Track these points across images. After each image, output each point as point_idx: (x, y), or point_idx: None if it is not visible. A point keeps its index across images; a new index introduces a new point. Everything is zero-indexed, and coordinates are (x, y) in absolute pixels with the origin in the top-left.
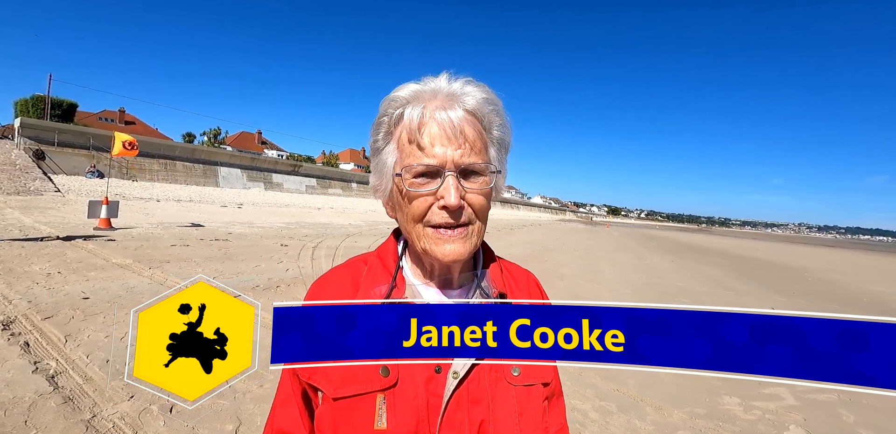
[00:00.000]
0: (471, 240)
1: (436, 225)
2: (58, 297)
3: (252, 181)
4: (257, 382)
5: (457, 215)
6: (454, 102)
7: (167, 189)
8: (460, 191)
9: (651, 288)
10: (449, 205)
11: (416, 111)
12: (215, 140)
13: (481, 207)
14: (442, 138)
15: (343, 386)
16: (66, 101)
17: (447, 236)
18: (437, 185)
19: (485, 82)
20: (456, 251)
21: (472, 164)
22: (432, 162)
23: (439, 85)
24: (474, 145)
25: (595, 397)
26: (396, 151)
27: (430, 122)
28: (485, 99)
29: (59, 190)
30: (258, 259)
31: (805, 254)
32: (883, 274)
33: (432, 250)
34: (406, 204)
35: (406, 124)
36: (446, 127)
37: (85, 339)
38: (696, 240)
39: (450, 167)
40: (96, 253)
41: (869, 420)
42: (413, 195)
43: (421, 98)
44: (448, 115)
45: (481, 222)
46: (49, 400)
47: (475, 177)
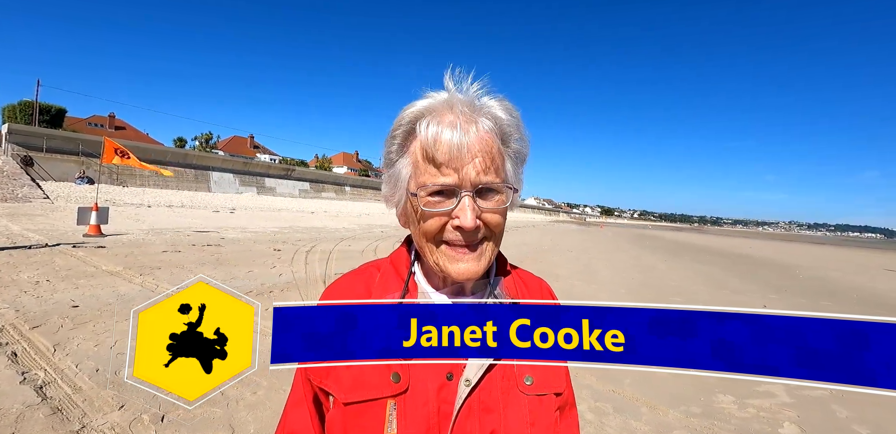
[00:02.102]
0: (485, 257)
1: (450, 242)
2: (46, 306)
3: (245, 186)
4: (250, 389)
5: (471, 235)
6: (471, 118)
7: (158, 194)
8: (476, 211)
9: (646, 287)
10: (465, 226)
11: (431, 128)
12: (207, 145)
13: (497, 225)
14: (457, 157)
15: (354, 391)
16: (54, 106)
17: (461, 255)
18: (452, 205)
19: (477, 82)
20: (470, 270)
21: (489, 183)
22: (448, 181)
23: (455, 97)
24: (491, 163)
25: (591, 398)
26: (411, 166)
27: (445, 139)
28: (503, 113)
29: (47, 196)
30: (251, 264)
31: (796, 251)
32: (871, 270)
33: (446, 268)
34: (420, 221)
35: (420, 140)
36: (462, 145)
37: (74, 348)
38: (689, 239)
39: (465, 186)
40: (86, 260)
41: (862, 415)
42: (428, 215)
43: (436, 112)
44: (463, 132)
45: (496, 239)
46: (37, 411)
47: (491, 194)
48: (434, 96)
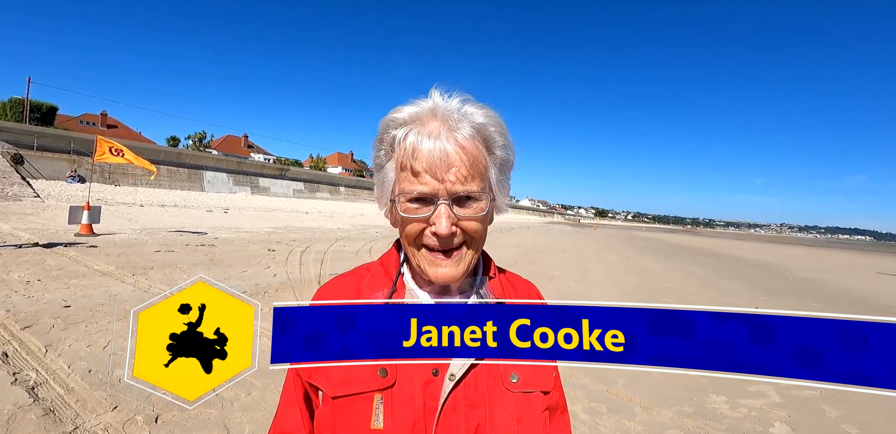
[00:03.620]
0: (463, 262)
1: (429, 247)
2: (37, 306)
3: (238, 185)
4: (245, 390)
5: (447, 241)
6: (453, 126)
7: (151, 194)
8: (451, 219)
9: (640, 288)
10: (440, 233)
11: (412, 136)
12: (200, 144)
13: (475, 231)
14: (436, 166)
15: (342, 385)
16: (45, 104)
17: (439, 260)
18: (429, 212)
19: (475, 85)
20: (448, 274)
21: (466, 192)
22: (425, 189)
23: (438, 105)
24: (470, 171)
25: (585, 398)
26: (396, 171)
27: (424, 148)
28: (486, 120)
29: (38, 195)
30: (245, 264)
31: (787, 253)
32: (861, 272)
33: (426, 270)
34: (402, 226)
35: (402, 148)
36: (441, 154)
37: (66, 348)
38: (682, 240)
39: (442, 195)
40: (77, 260)
41: (851, 414)
42: (407, 220)
43: (419, 120)
44: (444, 141)
45: (475, 244)
46: (29, 412)
47: (470, 202)
48: (419, 104)
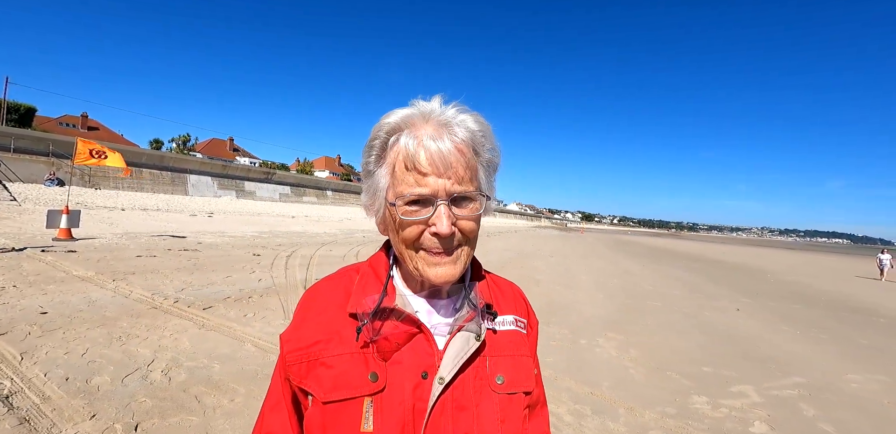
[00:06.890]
0: (461, 261)
1: (428, 249)
2: (13, 313)
3: (223, 189)
4: (228, 397)
5: (448, 242)
6: (446, 130)
7: (133, 197)
8: (451, 219)
9: (625, 292)
10: (441, 233)
11: (407, 139)
12: (185, 147)
13: (471, 231)
14: (433, 167)
15: (334, 390)
16: (23, 105)
17: (438, 259)
18: (429, 213)
19: (462, 90)
20: (447, 273)
21: (463, 192)
22: (424, 191)
23: (431, 109)
24: (465, 173)
25: (570, 400)
26: (388, 177)
27: (421, 151)
28: (476, 126)
29: (14, 199)
30: (230, 269)
31: (768, 257)
32: (838, 275)
33: (424, 272)
34: (399, 229)
35: (398, 151)
36: (438, 156)
37: (43, 356)
38: (667, 244)
39: (441, 196)
40: (55, 265)
41: (827, 414)
42: (406, 223)
43: (412, 124)
44: (439, 143)
45: (471, 244)
46: (3, 422)
47: (466, 202)
48: (410, 108)
